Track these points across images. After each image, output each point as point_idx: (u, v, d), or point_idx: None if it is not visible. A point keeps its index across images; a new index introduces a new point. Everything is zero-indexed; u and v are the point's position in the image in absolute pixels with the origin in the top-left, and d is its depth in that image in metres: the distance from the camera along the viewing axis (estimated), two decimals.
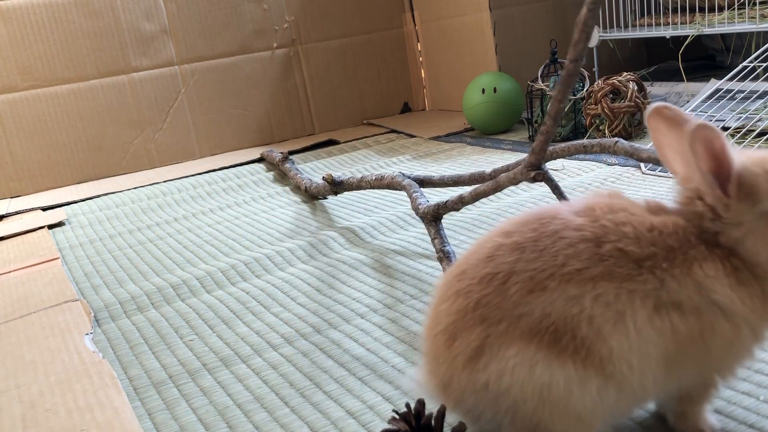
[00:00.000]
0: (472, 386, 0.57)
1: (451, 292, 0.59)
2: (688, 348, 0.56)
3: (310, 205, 1.60)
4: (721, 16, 1.84)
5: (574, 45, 0.64)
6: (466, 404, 0.58)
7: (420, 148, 2.02)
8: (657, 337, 0.55)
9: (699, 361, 0.58)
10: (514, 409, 0.55)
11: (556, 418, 0.55)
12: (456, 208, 1.02)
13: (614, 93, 1.68)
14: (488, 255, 0.59)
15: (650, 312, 0.55)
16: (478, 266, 0.59)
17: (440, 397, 0.61)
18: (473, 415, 0.59)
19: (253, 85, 2.32)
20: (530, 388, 0.54)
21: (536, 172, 0.73)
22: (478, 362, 0.56)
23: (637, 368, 0.55)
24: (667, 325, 0.56)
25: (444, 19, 2.40)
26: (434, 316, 0.61)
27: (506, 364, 0.55)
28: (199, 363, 0.91)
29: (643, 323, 0.55)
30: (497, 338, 0.56)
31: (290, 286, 1.13)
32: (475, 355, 0.56)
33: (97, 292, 1.22)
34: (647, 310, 0.55)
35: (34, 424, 0.79)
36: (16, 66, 2.00)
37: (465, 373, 0.57)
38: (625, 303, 0.55)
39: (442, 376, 0.59)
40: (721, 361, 0.59)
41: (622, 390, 0.55)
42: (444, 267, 0.95)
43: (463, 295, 0.58)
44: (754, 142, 1.45)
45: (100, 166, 2.14)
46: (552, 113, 0.69)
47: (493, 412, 0.57)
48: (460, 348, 0.57)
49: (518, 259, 0.57)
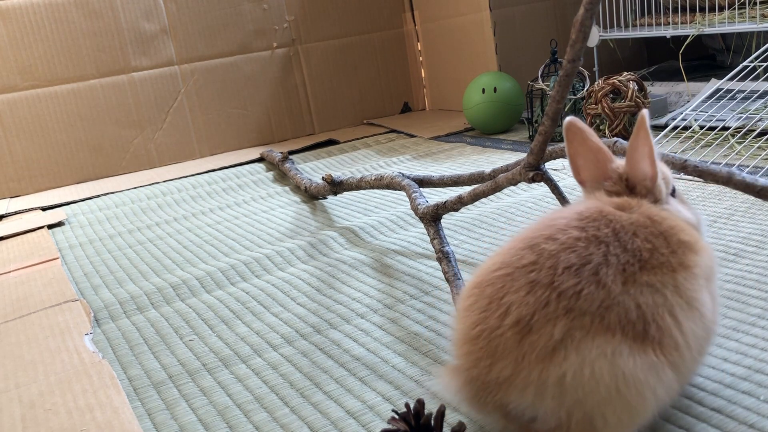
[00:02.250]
0: (544, 380, 0.55)
1: (523, 283, 0.57)
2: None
3: (310, 205, 1.60)
4: (722, 15, 1.84)
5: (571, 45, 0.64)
6: (522, 401, 0.56)
7: (420, 148, 2.02)
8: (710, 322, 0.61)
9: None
10: (580, 403, 0.55)
11: (621, 410, 0.55)
12: (455, 209, 1.02)
13: (614, 93, 1.68)
14: (567, 247, 0.58)
15: (707, 296, 0.61)
16: (556, 257, 0.58)
17: (482, 395, 0.58)
18: (518, 412, 0.57)
19: (252, 85, 2.32)
20: (608, 379, 0.54)
21: (534, 172, 0.73)
22: (557, 355, 0.55)
23: (695, 356, 0.60)
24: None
25: (444, 19, 2.40)
26: (493, 308, 0.58)
27: (588, 355, 0.54)
28: (199, 363, 0.91)
29: (707, 308, 0.60)
30: (581, 330, 0.55)
31: (290, 286, 1.13)
32: (555, 348, 0.55)
33: (97, 292, 1.22)
34: (707, 295, 0.61)
35: (33, 424, 0.79)
36: (15, 66, 2.00)
37: (538, 366, 0.55)
38: (696, 290, 0.59)
39: (500, 372, 0.57)
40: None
41: (680, 379, 0.59)
42: (443, 267, 0.95)
43: (542, 286, 0.57)
44: (754, 142, 1.45)
45: (100, 166, 2.14)
46: (550, 113, 0.69)
47: (553, 408, 0.55)
48: (539, 341, 0.55)
49: (606, 252, 0.58)
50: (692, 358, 0.60)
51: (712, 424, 0.64)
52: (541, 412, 0.56)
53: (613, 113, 1.66)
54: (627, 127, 1.67)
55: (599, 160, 0.68)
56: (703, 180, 1.03)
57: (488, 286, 0.60)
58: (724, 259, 0.98)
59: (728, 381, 0.70)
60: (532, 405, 0.56)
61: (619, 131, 1.67)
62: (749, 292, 0.88)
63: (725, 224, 1.11)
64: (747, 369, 0.72)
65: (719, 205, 1.19)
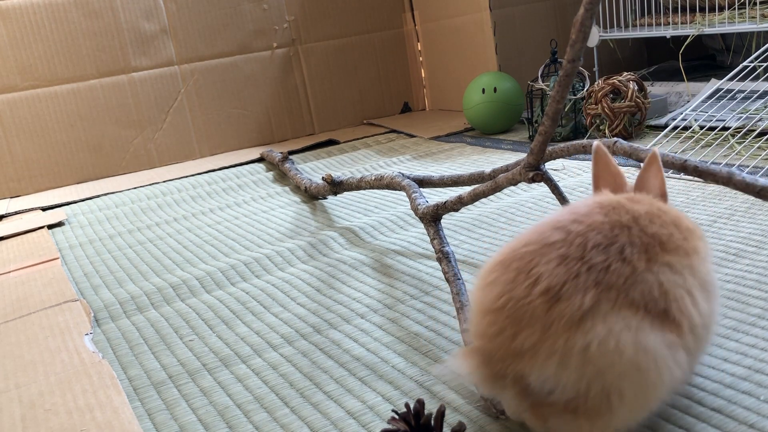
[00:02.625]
0: (569, 349, 0.56)
1: (553, 257, 0.59)
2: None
3: (310, 205, 1.60)
4: (722, 15, 1.84)
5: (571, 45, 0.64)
6: (544, 371, 0.57)
7: (420, 148, 2.02)
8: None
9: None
10: (601, 375, 0.56)
11: (639, 386, 0.56)
12: (455, 209, 1.02)
13: (614, 93, 1.68)
14: (593, 228, 0.61)
15: (714, 278, 0.65)
16: (585, 236, 0.60)
17: (501, 368, 0.59)
18: (537, 385, 0.58)
19: (253, 85, 2.32)
20: (631, 352, 0.56)
21: (534, 172, 0.73)
22: (584, 325, 0.56)
23: (704, 343, 0.63)
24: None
25: (444, 19, 2.40)
26: (521, 280, 0.60)
27: (614, 327, 0.56)
28: (199, 363, 0.92)
29: (717, 293, 0.65)
30: (608, 302, 0.57)
31: (290, 286, 1.13)
32: (583, 317, 0.56)
33: (97, 292, 1.22)
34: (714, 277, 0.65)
35: (33, 424, 0.79)
36: (15, 66, 2.00)
37: (564, 335, 0.56)
38: (708, 273, 0.63)
39: (525, 340, 0.57)
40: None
41: (689, 364, 0.61)
42: (443, 267, 0.95)
43: (573, 260, 0.59)
44: (754, 142, 1.45)
45: (100, 166, 2.14)
46: (550, 113, 0.69)
47: (574, 380, 0.56)
48: (567, 310, 0.56)
49: (629, 234, 0.61)
50: (703, 343, 0.63)
51: (712, 424, 0.64)
52: (561, 383, 0.57)
53: (613, 113, 1.66)
54: (627, 127, 1.67)
55: (617, 185, 0.73)
56: (703, 180, 1.03)
57: (515, 261, 0.62)
58: (724, 259, 0.98)
59: (728, 381, 0.70)
60: (553, 375, 0.57)
61: (619, 131, 1.67)
62: (749, 292, 0.88)
63: (725, 224, 1.11)
64: (747, 369, 0.72)
65: (719, 205, 1.19)
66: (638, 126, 1.69)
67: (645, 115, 1.69)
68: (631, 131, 1.68)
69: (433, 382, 0.79)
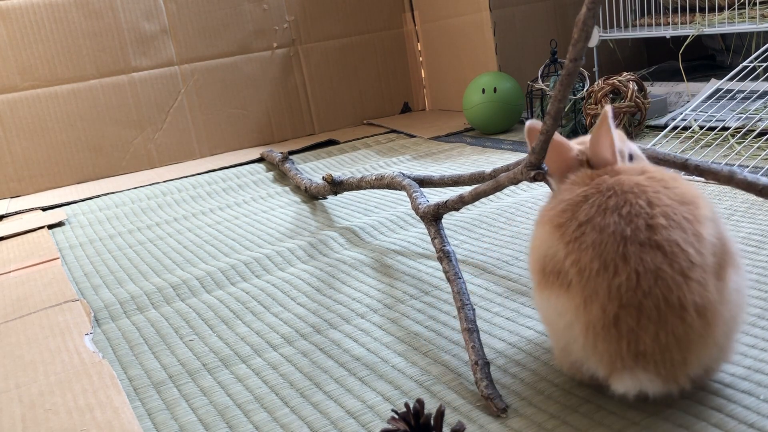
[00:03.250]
0: (720, 296, 0.63)
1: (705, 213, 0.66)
2: None
3: (310, 205, 1.60)
4: (721, 16, 1.84)
5: (573, 44, 0.64)
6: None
7: (420, 148, 2.02)
8: None
9: None
10: (734, 321, 0.65)
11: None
12: (456, 208, 1.02)
13: (614, 93, 1.68)
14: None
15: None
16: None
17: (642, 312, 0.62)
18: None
19: (252, 85, 2.32)
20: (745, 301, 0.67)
21: (536, 171, 0.73)
22: (725, 273, 0.64)
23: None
24: None
25: (444, 19, 2.40)
26: (673, 226, 0.63)
27: (737, 277, 0.66)
28: (199, 363, 0.92)
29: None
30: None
31: (290, 286, 1.13)
32: (720, 267, 0.64)
33: (97, 292, 1.22)
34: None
35: (33, 424, 0.79)
36: (16, 66, 2.00)
37: (715, 282, 0.63)
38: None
39: (690, 287, 0.61)
40: None
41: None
42: (444, 266, 0.95)
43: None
44: (754, 142, 1.45)
45: (100, 166, 2.14)
46: (552, 113, 0.69)
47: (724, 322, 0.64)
48: (712, 261, 0.63)
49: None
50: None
51: (712, 423, 0.64)
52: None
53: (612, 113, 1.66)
54: (627, 128, 1.67)
55: (561, 152, 0.74)
56: (704, 179, 1.03)
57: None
58: None
59: (728, 380, 0.70)
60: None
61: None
62: (749, 292, 0.88)
63: (725, 224, 1.11)
64: (747, 369, 0.72)
65: (719, 205, 1.19)
66: (638, 126, 1.69)
67: (645, 115, 1.69)
68: (631, 131, 1.68)
69: (433, 381, 0.79)
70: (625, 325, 0.61)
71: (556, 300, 0.67)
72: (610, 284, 0.62)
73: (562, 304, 0.66)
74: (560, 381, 0.75)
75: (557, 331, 0.69)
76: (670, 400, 0.68)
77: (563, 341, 0.69)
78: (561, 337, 0.69)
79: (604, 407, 0.69)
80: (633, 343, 0.62)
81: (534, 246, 0.73)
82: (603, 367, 0.64)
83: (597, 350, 0.64)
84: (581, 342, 0.65)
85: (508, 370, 0.79)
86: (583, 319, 0.64)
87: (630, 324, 0.61)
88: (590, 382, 0.72)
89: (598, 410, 0.69)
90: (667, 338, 0.61)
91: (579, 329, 0.64)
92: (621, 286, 0.61)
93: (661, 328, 0.61)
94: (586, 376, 0.71)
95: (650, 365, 0.62)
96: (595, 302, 0.63)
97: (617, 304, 0.62)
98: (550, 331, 0.73)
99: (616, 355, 0.62)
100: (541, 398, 0.73)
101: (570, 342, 0.67)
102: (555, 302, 0.67)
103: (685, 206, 0.65)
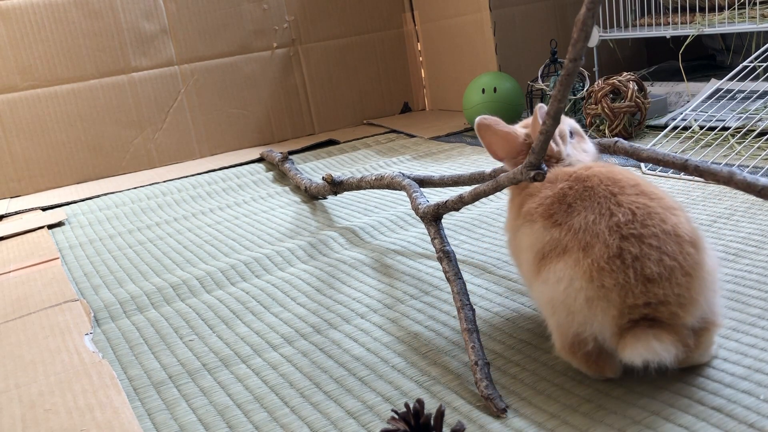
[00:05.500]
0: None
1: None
2: None
3: (310, 205, 1.60)
4: (721, 15, 1.84)
5: (573, 44, 0.64)
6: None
7: (420, 148, 2.02)
8: None
9: None
10: (714, 276, 0.70)
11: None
12: (456, 208, 1.02)
13: (614, 93, 1.68)
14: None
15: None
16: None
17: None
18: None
19: (253, 85, 2.32)
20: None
21: (536, 171, 0.73)
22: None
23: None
24: None
25: (444, 19, 2.40)
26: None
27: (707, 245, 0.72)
28: (199, 363, 0.91)
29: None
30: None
31: (290, 286, 1.13)
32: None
33: (97, 292, 1.22)
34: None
35: (33, 424, 0.79)
36: (15, 66, 2.00)
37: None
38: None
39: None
40: None
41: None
42: (444, 266, 0.95)
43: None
44: (754, 142, 1.45)
45: (100, 166, 2.14)
46: (552, 113, 0.69)
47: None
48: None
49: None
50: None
51: (712, 423, 0.64)
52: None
53: (612, 113, 1.66)
54: (627, 127, 1.67)
55: (509, 141, 0.84)
56: (703, 180, 1.03)
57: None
58: (724, 259, 0.98)
59: (728, 381, 0.70)
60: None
61: (619, 131, 1.67)
62: (749, 292, 0.88)
63: (725, 224, 1.11)
64: (747, 369, 0.72)
65: (719, 205, 1.19)
66: (638, 126, 1.69)
67: (645, 115, 1.69)
68: (631, 131, 1.68)
69: (432, 382, 0.79)
70: (629, 254, 0.65)
71: (554, 270, 0.70)
72: (609, 223, 0.68)
73: (560, 267, 0.69)
74: (560, 381, 0.75)
75: (557, 302, 0.70)
76: (670, 401, 0.68)
77: (563, 310, 0.69)
78: (561, 307, 0.70)
79: (605, 406, 0.69)
80: (639, 270, 0.65)
81: (527, 245, 0.75)
82: (612, 312, 0.66)
83: (604, 289, 0.66)
84: (585, 290, 0.67)
85: (508, 370, 0.79)
86: (585, 265, 0.67)
87: (633, 252, 0.65)
88: (593, 367, 0.72)
89: (598, 409, 0.69)
90: (671, 263, 0.65)
91: (582, 277, 0.67)
92: (619, 223, 0.67)
93: (663, 253, 0.65)
94: (590, 348, 0.70)
95: (659, 310, 0.66)
96: (595, 244, 0.68)
97: (618, 237, 0.67)
98: (549, 310, 0.73)
99: (626, 287, 0.65)
100: (541, 398, 0.73)
101: (572, 302, 0.68)
102: (553, 273, 0.70)
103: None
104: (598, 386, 0.73)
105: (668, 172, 1.39)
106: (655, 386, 0.71)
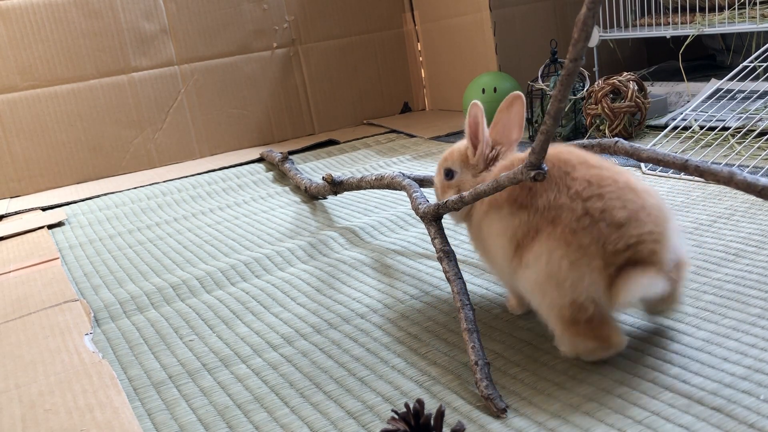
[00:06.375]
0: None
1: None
2: None
3: (310, 205, 1.60)
4: (722, 15, 1.84)
5: (573, 44, 0.64)
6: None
7: (420, 148, 2.02)
8: None
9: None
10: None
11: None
12: (456, 208, 1.02)
13: (614, 93, 1.68)
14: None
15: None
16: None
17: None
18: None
19: (252, 85, 2.32)
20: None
21: (536, 171, 0.73)
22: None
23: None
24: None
25: (444, 19, 2.40)
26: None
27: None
28: (199, 363, 0.91)
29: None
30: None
31: (290, 286, 1.13)
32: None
33: (97, 292, 1.22)
34: None
35: (33, 424, 0.79)
36: (15, 66, 2.00)
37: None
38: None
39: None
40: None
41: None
42: (444, 266, 0.95)
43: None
44: (754, 142, 1.45)
45: (100, 166, 2.14)
46: (552, 112, 0.69)
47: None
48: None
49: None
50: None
51: (712, 423, 0.64)
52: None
53: (612, 113, 1.66)
54: (627, 127, 1.67)
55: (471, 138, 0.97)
56: (704, 180, 1.03)
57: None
58: (724, 259, 0.98)
59: (728, 381, 0.70)
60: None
61: (619, 131, 1.67)
62: (749, 292, 0.88)
63: (725, 224, 1.11)
64: (747, 369, 0.72)
65: (719, 205, 1.19)
66: (638, 126, 1.69)
67: (645, 115, 1.69)
68: (631, 131, 1.68)
69: (432, 382, 0.79)
70: (596, 210, 0.72)
71: (533, 251, 0.75)
72: (570, 194, 0.74)
73: (537, 247, 0.74)
74: (561, 380, 0.75)
75: (543, 279, 0.73)
76: (671, 400, 0.68)
77: (552, 284, 0.73)
78: (549, 282, 0.73)
79: (606, 405, 0.69)
80: (609, 219, 0.71)
81: (497, 231, 0.80)
82: (596, 264, 0.71)
83: (583, 248, 0.71)
84: (567, 255, 0.71)
85: (508, 370, 0.79)
86: (558, 233, 0.73)
87: (598, 206, 0.72)
88: (598, 337, 0.74)
89: (599, 408, 0.69)
90: (634, 206, 0.72)
91: (559, 246, 0.72)
92: (578, 191, 0.74)
93: (625, 200, 0.72)
94: (590, 313, 0.72)
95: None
96: (561, 213, 0.73)
97: (580, 201, 0.73)
98: (539, 292, 0.75)
99: (602, 238, 0.71)
100: (541, 397, 0.73)
101: (557, 271, 0.72)
102: (533, 255, 0.75)
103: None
104: (598, 385, 0.73)
105: (668, 172, 1.39)
106: (655, 386, 0.71)
